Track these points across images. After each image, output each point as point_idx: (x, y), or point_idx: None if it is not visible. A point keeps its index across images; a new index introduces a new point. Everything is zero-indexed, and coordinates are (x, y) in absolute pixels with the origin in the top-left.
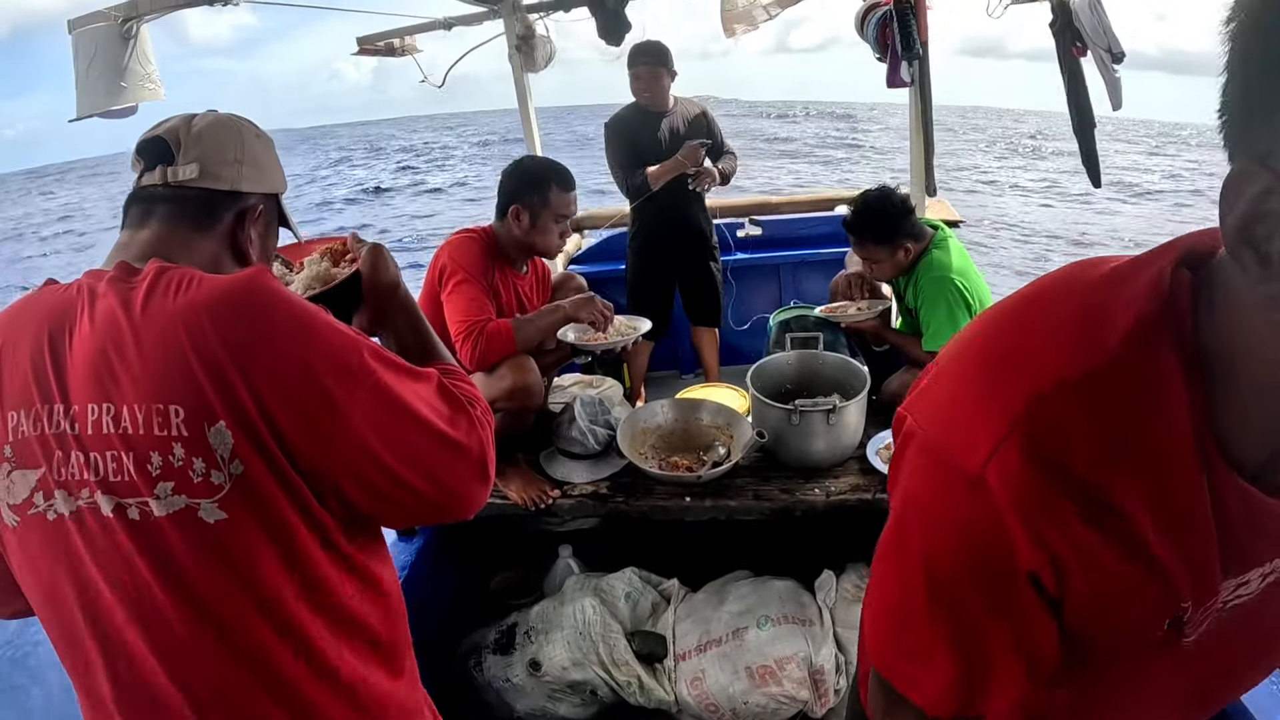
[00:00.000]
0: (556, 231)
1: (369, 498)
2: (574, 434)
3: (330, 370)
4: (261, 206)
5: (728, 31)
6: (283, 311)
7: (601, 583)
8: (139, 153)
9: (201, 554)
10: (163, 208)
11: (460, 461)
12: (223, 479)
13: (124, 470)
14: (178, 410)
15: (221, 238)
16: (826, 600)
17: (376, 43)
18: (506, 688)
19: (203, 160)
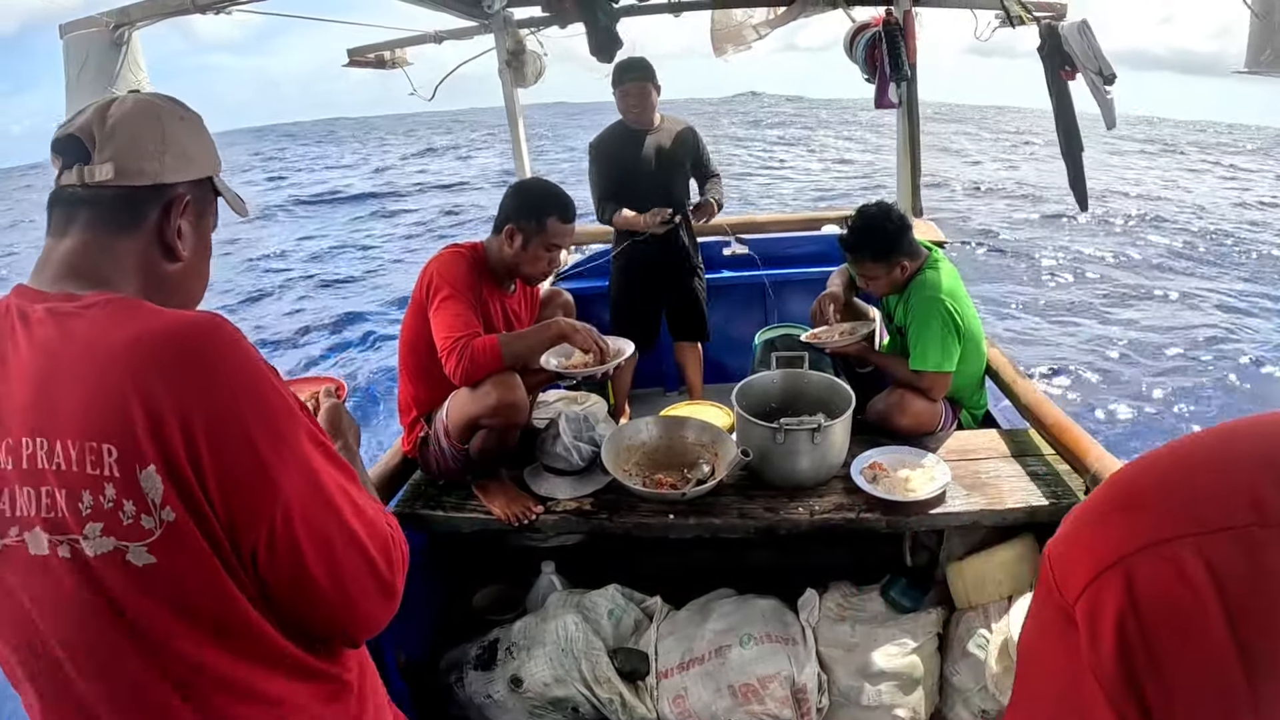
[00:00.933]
0: (546, 260)
1: (272, 573)
2: (558, 450)
3: (266, 436)
4: (189, 196)
5: (718, 50)
6: (232, 364)
7: (584, 599)
8: (55, 150)
9: (130, 597)
10: (84, 211)
11: (365, 570)
12: (153, 524)
13: (57, 507)
14: (110, 450)
15: (147, 235)
16: (810, 619)
17: (367, 55)
18: (488, 704)
19: (118, 158)
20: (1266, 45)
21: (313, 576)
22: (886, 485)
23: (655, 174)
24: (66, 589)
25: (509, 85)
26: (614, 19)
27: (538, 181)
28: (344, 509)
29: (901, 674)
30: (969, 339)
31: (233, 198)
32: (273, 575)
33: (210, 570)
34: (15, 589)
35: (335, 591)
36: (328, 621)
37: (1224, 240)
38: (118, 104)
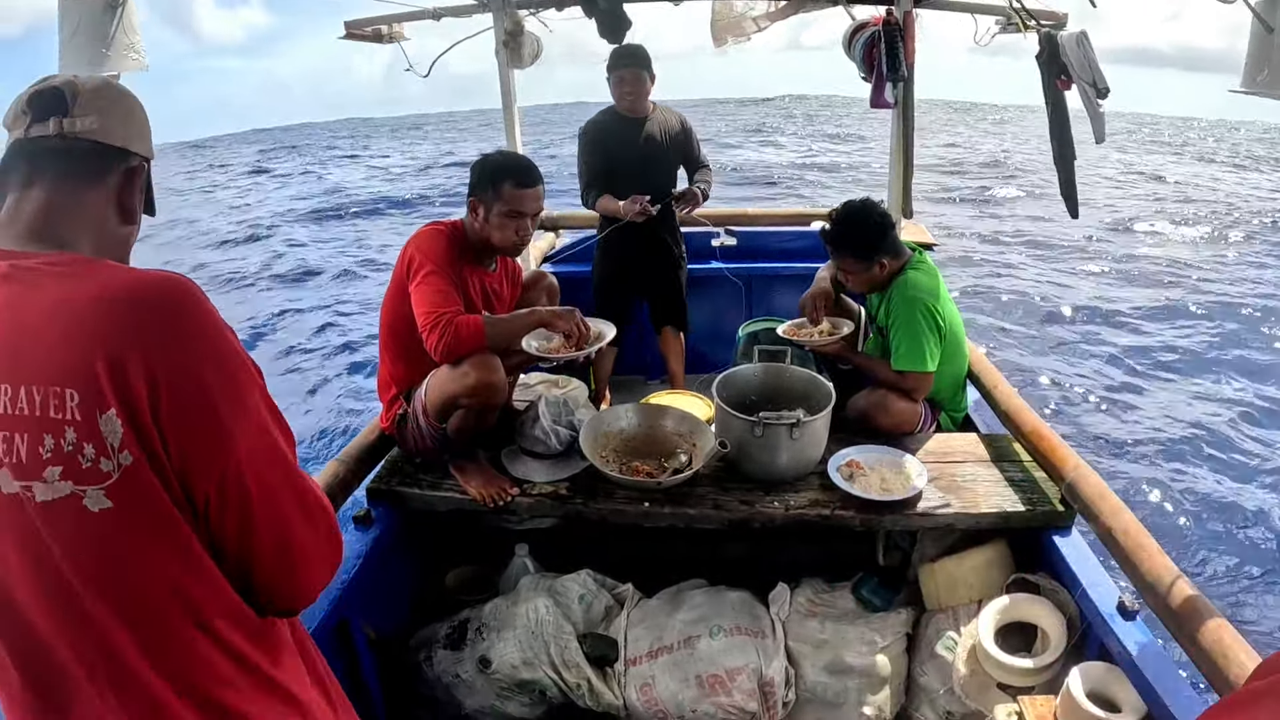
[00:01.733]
0: (512, 228)
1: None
2: (537, 433)
3: (224, 392)
4: (145, 168)
5: (717, 41)
6: (195, 321)
7: (556, 583)
8: (30, 104)
9: (80, 542)
10: (51, 164)
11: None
12: (111, 467)
13: (15, 451)
14: (73, 394)
15: (111, 193)
16: (780, 613)
17: (364, 28)
18: (456, 683)
19: (101, 114)
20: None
21: (259, 531)
22: (863, 484)
23: (645, 162)
24: (27, 533)
25: (505, 66)
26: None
27: (497, 152)
28: (292, 469)
29: (869, 672)
30: (950, 340)
31: (151, 192)
32: (221, 528)
33: (166, 516)
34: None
35: (279, 548)
36: (271, 580)
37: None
38: (86, 78)
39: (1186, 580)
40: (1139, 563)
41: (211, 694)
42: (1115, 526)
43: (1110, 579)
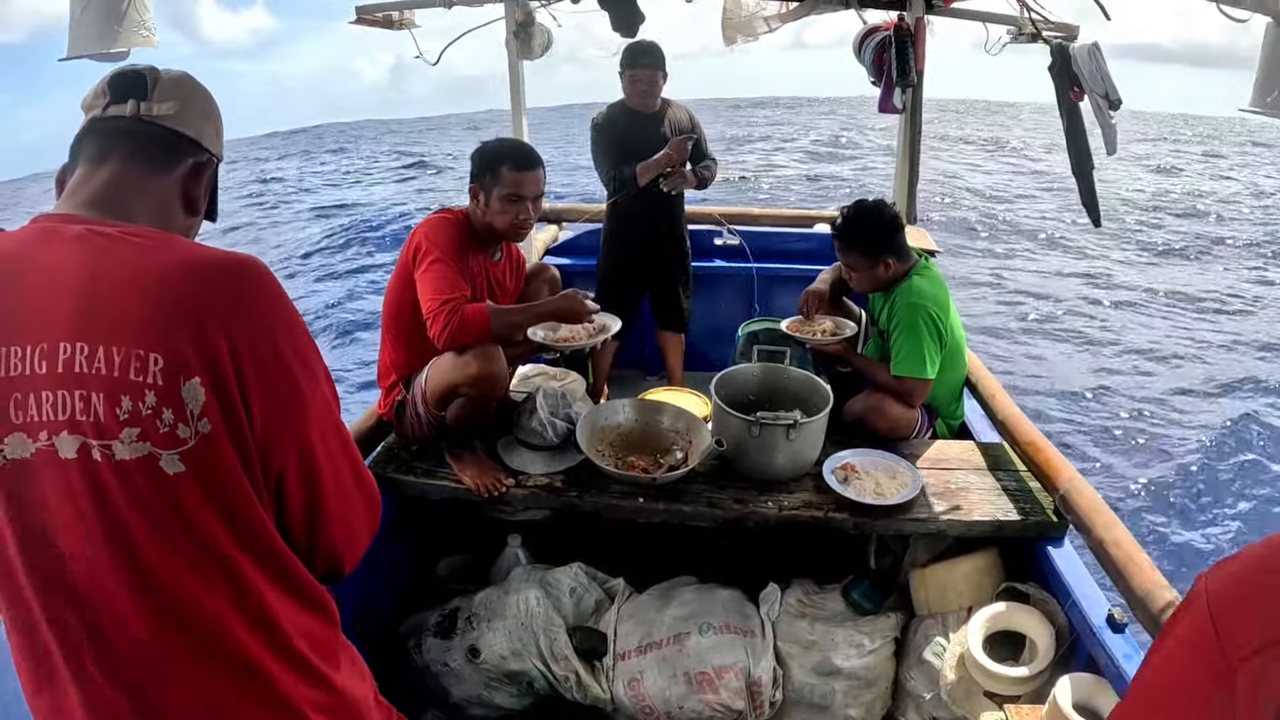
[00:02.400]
0: (512, 213)
1: (293, 496)
2: (534, 425)
3: (301, 367)
4: (213, 168)
5: (727, 40)
6: (273, 297)
7: (548, 575)
8: (112, 84)
9: (155, 501)
10: (123, 143)
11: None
12: (189, 433)
13: (91, 410)
14: (157, 359)
15: (176, 183)
16: (770, 613)
17: (375, 14)
18: (444, 672)
19: (181, 102)
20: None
21: (328, 498)
22: (857, 487)
23: None
24: (95, 492)
25: (514, 56)
26: None
27: (496, 139)
28: (353, 449)
29: (857, 674)
30: (951, 349)
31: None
32: (293, 499)
33: (236, 483)
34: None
35: (341, 516)
36: (331, 547)
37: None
38: (167, 69)
39: (1177, 595)
40: (1130, 576)
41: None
42: (1107, 539)
43: (1100, 591)
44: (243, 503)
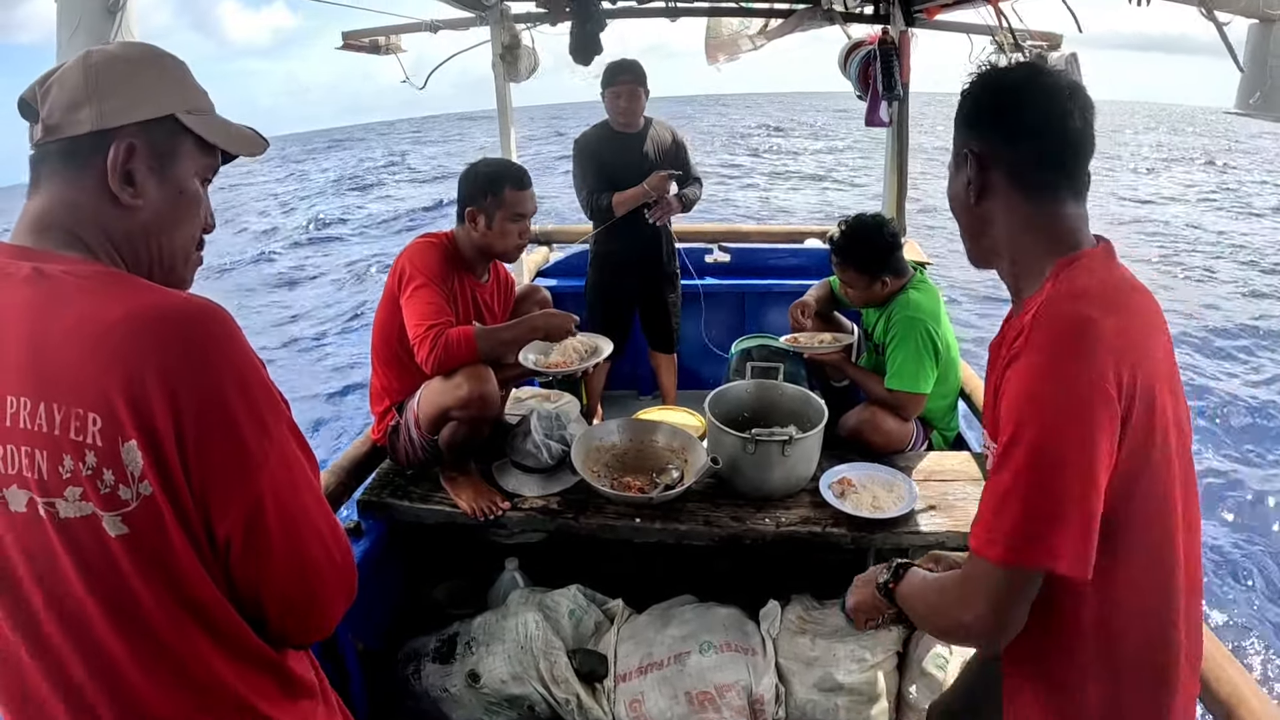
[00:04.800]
0: (515, 232)
1: (241, 564)
2: (528, 447)
3: (251, 425)
4: (135, 142)
5: (710, 59)
6: (223, 350)
7: (546, 598)
8: (20, 112)
9: (99, 560)
10: (43, 168)
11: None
12: (130, 495)
13: (35, 467)
14: (95, 419)
15: (94, 187)
16: (770, 630)
17: (362, 39)
18: (444, 697)
19: (49, 115)
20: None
21: (278, 572)
22: (854, 501)
23: (639, 176)
24: (45, 546)
25: (502, 79)
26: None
27: (484, 161)
28: (317, 509)
29: (859, 689)
30: (945, 361)
31: (221, 133)
32: (242, 567)
33: (181, 549)
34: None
35: (300, 588)
36: (288, 613)
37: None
38: (71, 61)
39: None
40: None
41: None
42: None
43: None
44: (186, 567)
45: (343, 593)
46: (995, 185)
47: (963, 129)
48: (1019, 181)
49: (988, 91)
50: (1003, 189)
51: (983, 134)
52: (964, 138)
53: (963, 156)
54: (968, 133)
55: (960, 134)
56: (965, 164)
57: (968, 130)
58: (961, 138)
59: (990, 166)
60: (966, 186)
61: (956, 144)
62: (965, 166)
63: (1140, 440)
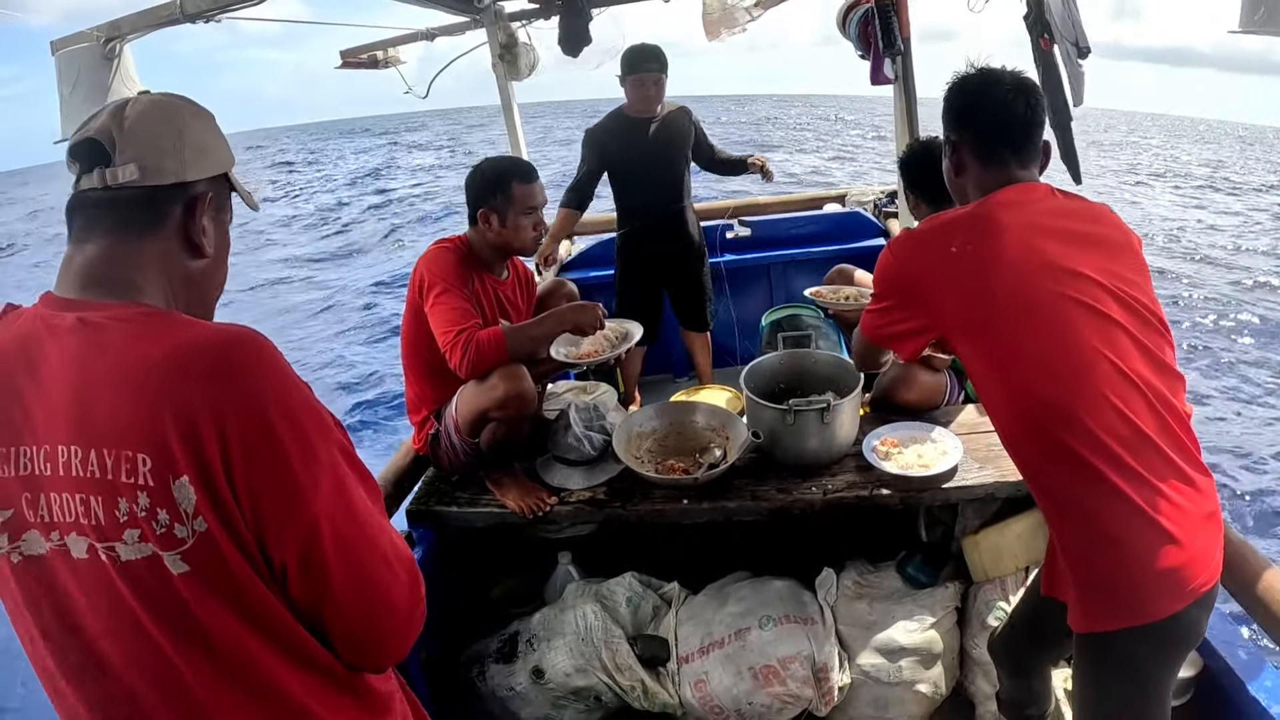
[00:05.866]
0: (529, 225)
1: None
2: (570, 440)
3: (298, 449)
4: (210, 192)
5: (710, 34)
6: (266, 375)
7: (602, 588)
8: (72, 155)
9: (164, 598)
10: (106, 215)
11: (394, 595)
12: (186, 533)
13: (91, 513)
14: (145, 460)
15: (171, 234)
16: (827, 598)
17: (360, 55)
18: (510, 696)
19: (141, 158)
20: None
21: (339, 599)
22: (899, 461)
23: (660, 161)
24: (108, 591)
25: (503, 79)
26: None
27: (488, 160)
28: (374, 525)
29: (921, 649)
30: None
31: (246, 193)
32: (301, 594)
33: (245, 578)
34: (62, 589)
35: (361, 607)
36: (353, 638)
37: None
38: (133, 104)
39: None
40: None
41: None
42: None
43: None
44: (252, 595)
45: (408, 615)
46: (966, 162)
47: (945, 123)
48: (979, 156)
49: (953, 96)
50: (971, 164)
51: (954, 126)
52: (945, 130)
53: (946, 144)
54: (946, 126)
55: (944, 129)
56: (946, 149)
57: (946, 124)
58: (944, 130)
59: (961, 149)
60: (950, 166)
61: (943, 136)
62: (947, 151)
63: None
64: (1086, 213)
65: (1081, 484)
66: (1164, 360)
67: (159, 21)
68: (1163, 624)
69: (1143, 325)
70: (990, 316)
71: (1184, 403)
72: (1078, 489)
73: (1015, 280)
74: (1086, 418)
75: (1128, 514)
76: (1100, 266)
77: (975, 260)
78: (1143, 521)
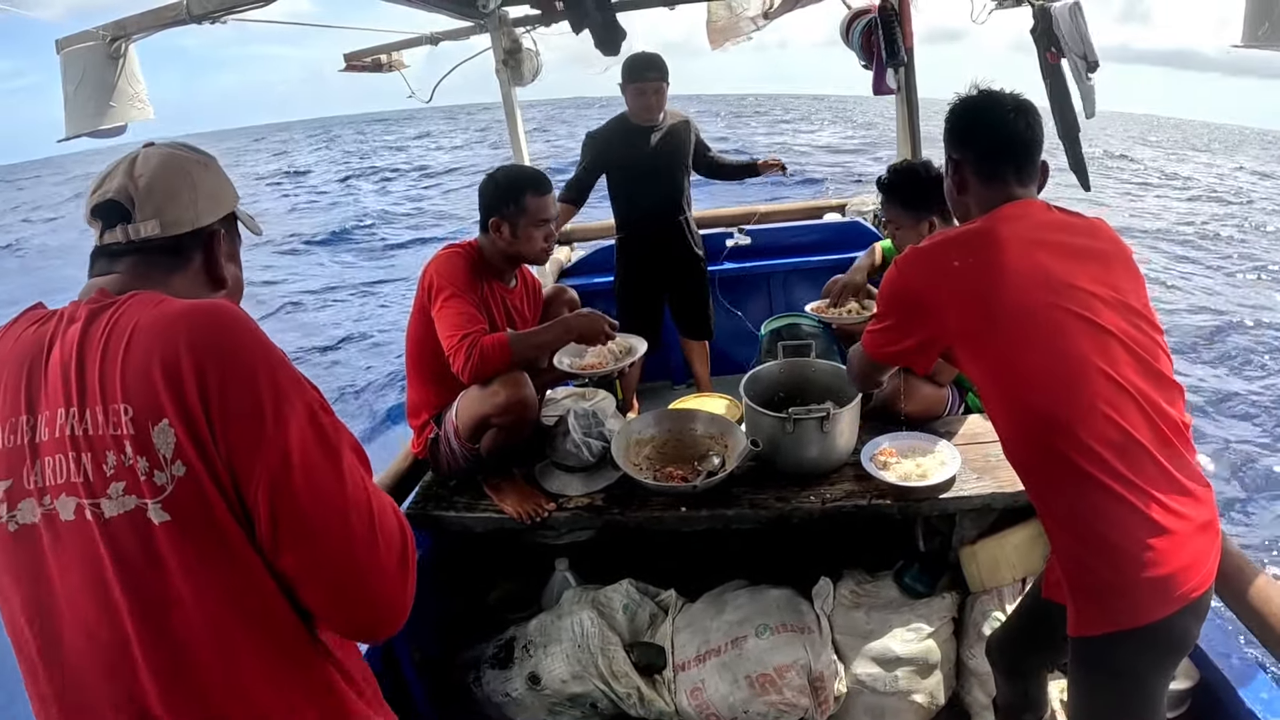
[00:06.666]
0: (540, 237)
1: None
2: (568, 447)
3: (270, 391)
4: (222, 230)
5: (714, 44)
6: (245, 331)
7: (599, 595)
8: (95, 215)
9: (149, 554)
10: (130, 258)
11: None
12: (165, 479)
13: (82, 470)
14: (127, 409)
15: (195, 273)
16: (824, 607)
17: (364, 59)
18: (506, 702)
19: (161, 214)
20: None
21: (314, 547)
22: (897, 471)
23: (660, 170)
24: (85, 558)
25: (507, 84)
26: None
27: (503, 169)
28: (355, 483)
29: (917, 659)
30: None
31: (249, 220)
32: (274, 538)
33: (226, 528)
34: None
35: (346, 561)
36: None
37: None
38: (142, 161)
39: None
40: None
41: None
42: None
43: None
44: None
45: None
46: (968, 180)
47: (946, 142)
48: (980, 174)
49: (954, 116)
50: (972, 182)
51: (955, 145)
52: (947, 148)
53: (947, 163)
54: (948, 145)
55: (945, 146)
56: (948, 167)
57: (948, 143)
58: (946, 150)
59: (963, 167)
60: (951, 184)
61: (945, 155)
62: (949, 169)
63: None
64: (1082, 227)
65: (1074, 490)
66: (1159, 370)
67: (165, 22)
68: (1153, 628)
69: (1138, 335)
70: (990, 328)
71: (1183, 412)
72: (1071, 495)
73: (1014, 293)
74: (1079, 425)
75: (1119, 519)
76: (1096, 278)
77: (976, 273)
78: (1133, 527)
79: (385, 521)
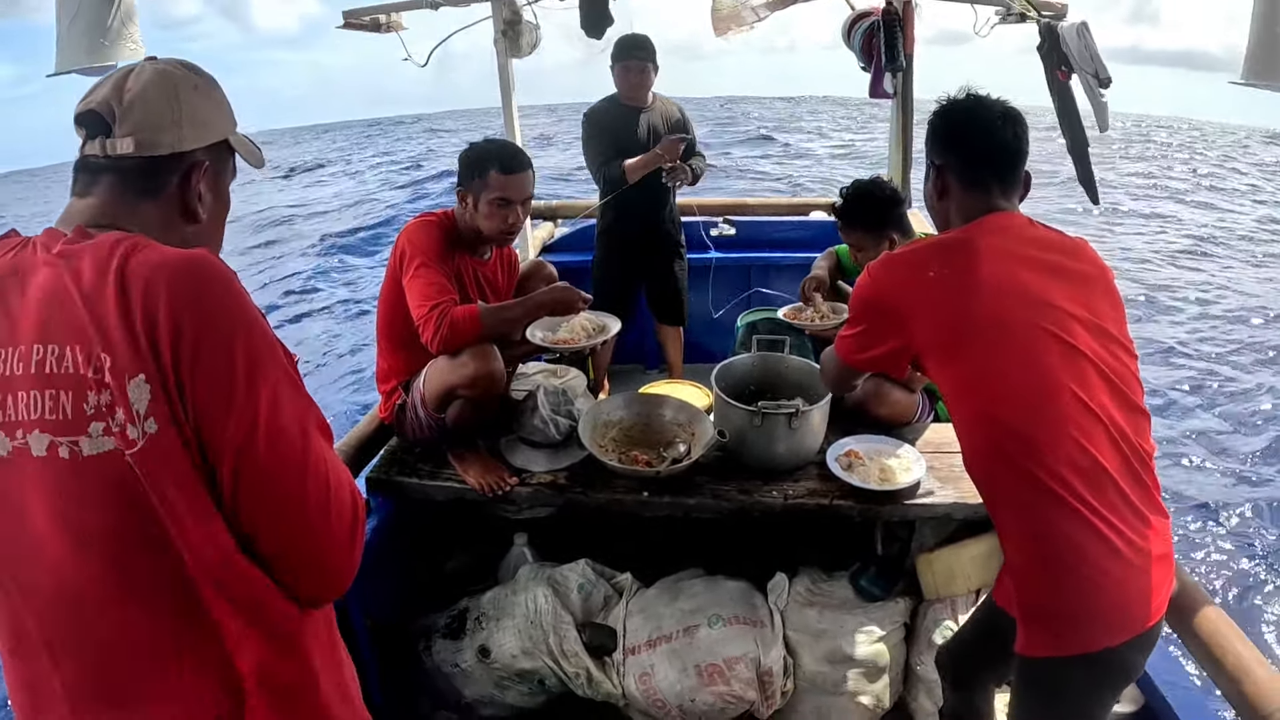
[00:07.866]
0: (499, 216)
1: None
2: (536, 423)
3: (244, 355)
4: (207, 161)
5: (718, 31)
6: (223, 288)
7: (555, 573)
8: (77, 123)
9: (120, 498)
10: (107, 177)
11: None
12: (137, 434)
13: (60, 408)
14: (106, 358)
15: (168, 201)
16: (778, 603)
17: (363, 17)
18: (455, 673)
19: (137, 132)
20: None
21: (276, 507)
22: (861, 473)
23: (646, 150)
24: (59, 488)
25: (504, 55)
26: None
27: (483, 141)
28: (317, 451)
29: (867, 661)
30: None
31: (248, 151)
32: (235, 497)
33: (189, 481)
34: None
35: (300, 526)
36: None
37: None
38: (135, 76)
39: (1185, 572)
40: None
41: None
42: None
43: None
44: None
45: (350, 545)
46: (950, 186)
47: (928, 147)
48: (962, 181)
49: (940, 119)
50: (954, 188)
51: (939, 150)
52: (929, 153)
53: (929, 167)
54: (930, 149)
55: (927, 151)
56: (929, 172)
57: (930, 148)
58: (928, 153)
59: (945, 173)
60: (932, 189)
61: (926, 158)
62: (930, 174)
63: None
64: (1064, 245)
65: (1035, 511)
66: (1130, 396)
67: None
68: (1100, 656)
69: (1111, 360)
70: (962, 340)
71: (1148, 439)
72: (1031, 516)
73: (991, 306)
74: (1045, 447)
75: (1079, 545)
76: (1074, 299)
77: (952, 284)
78: (1093, 554)
79: (340, 494)
